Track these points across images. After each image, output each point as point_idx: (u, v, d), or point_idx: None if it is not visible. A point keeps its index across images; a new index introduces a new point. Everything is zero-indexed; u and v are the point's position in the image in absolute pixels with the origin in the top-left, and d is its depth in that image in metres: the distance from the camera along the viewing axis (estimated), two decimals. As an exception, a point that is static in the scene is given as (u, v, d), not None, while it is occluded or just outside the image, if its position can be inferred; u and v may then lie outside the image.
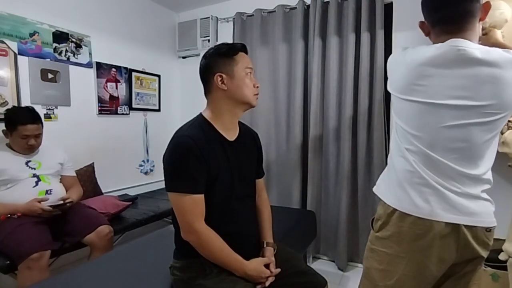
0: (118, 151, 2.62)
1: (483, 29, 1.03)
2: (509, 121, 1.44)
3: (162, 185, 2.85)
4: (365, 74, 2.23)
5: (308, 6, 2.42)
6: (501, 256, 1.38)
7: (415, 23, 1.02)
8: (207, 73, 1.08)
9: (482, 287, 1.58)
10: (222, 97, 1.07)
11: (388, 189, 0.96)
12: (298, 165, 2.48)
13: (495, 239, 1.10)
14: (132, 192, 2.65)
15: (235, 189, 1.08)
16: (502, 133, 1.48)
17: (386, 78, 2.25)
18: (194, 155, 0.98)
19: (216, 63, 1.06)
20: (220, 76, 1.05)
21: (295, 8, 2.47)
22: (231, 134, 1.13)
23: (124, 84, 2.65)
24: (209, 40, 2.89)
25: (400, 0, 2.19)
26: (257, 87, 1.11)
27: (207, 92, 1.11)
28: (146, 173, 2.87)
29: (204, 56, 1.10)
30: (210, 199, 1.02)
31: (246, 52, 1.11)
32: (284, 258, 1.18)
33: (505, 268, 1.47)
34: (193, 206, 0.99)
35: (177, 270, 1.08)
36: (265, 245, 1.17)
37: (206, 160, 1.00)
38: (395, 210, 0.90)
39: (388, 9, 2.23)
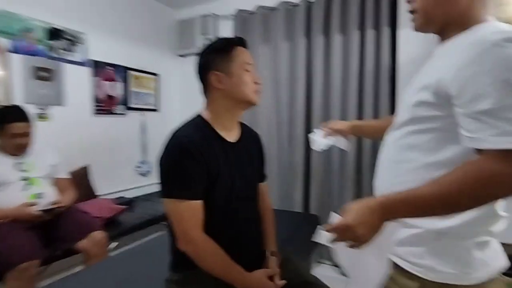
0: (114, 152, 2.54)
1: None
2: None
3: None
4: (370, 73, 2.17)
5: (311, 3, 2.35)
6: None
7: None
8: (203, 72, 1.01)
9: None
10: (220, 97, 1.00)
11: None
12: (300, 166, 2.41)
13: (509, 245, 0.99)
14: (129, 195, 2.57)
15: (236, 193, 1.01)
16: None
17: (393, 78, 2.20)
18: (193, 158, 0.91)
19: (212, 60, 0.99)
20: (216, 74, 0.98)
21: (298, 5, 2.40)
22: (231, 135, 1.06)
23: (120, 83, 2.57)
24: (208, 38, 2.82)
25: (406, -4, 2.12)
26: (258, 83, 1.03)
27: (204, 91, 1.05)
28: (143, 174, 2.79)
29: (200, 53, 1.03)
30: (210, 205, 0.95)
31: (245, 46, 1.04)
32: (290, 268, 1.10)
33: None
34: (190, 213, 0.91)
35: (174, 284, 1.00)
36: (269, 255, 1.09)
37: (206, 163, 0.93)
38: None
39: (394, 6, 2.15)
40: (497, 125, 0.56)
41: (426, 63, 0.79)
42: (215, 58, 0.99)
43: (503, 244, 0.78)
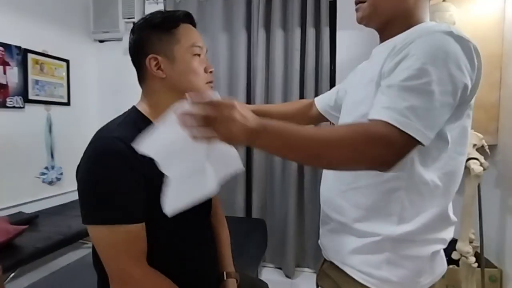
0: (7, 155, 1.99)
1: None
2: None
3: (73, 196, 2.29)
4: (311, 71, 2.16)
5: (251, -6, 2.24)
6: (454, 256, 1.41)
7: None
8: (137, 54, 0.79)
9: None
10: (161, 88, 0.79)
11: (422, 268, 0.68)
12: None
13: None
14: (31, 209, 2.05)
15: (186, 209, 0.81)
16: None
17: (332, 76, 2.24)
18: (128, 167, 0.68)
19: (149, 40, 0.77)
20: (155, 58, 0.76)
21: (237, -6, 2.25)
22: None
23: (16, 69, 2.03)
24: (134, 23, 2.45)
25: (343, -2, 2.16)
26: (211, 72, 0.84)
27: (140, 79, 0.82)
28: (50, 182, 2.27)
29: (132, 30, 0.80)
30: (154, 226, 0.73)
31: (193, 24, 0.83)
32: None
33: (448, 263, 1.53)
34: (129, 242, 0.68)
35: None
36: (225, 277, 0.92)
37: (146, 172, 0.70)
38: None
39: (333, 7, 2.19)
40: (392, 100, 0.57)
41: (366, 62, 0.81)
42: (154, 38, 0.77)
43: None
